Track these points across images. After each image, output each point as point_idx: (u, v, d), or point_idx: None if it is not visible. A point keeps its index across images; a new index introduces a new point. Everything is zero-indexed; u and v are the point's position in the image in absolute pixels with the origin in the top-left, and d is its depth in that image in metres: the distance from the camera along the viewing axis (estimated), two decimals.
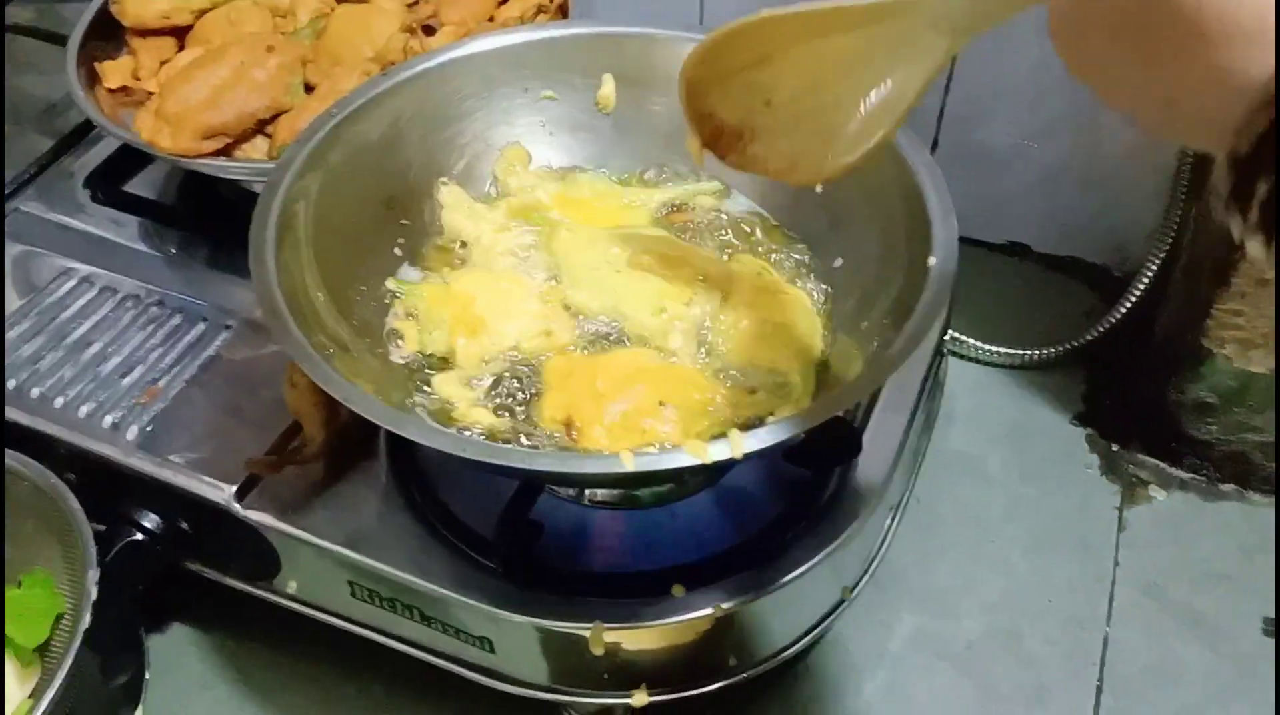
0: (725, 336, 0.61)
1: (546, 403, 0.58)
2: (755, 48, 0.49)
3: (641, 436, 0.55)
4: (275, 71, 0.73)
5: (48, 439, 0.67)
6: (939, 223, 0.57)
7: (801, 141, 0.52)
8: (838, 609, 0.66)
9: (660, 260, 0.64)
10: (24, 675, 0.65)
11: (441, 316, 0.62)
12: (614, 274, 0.63)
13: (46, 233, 0.80)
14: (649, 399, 0.56)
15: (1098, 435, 0.84)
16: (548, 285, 0.64)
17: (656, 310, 0.62)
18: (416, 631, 0.63)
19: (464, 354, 0.61)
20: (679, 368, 0.60)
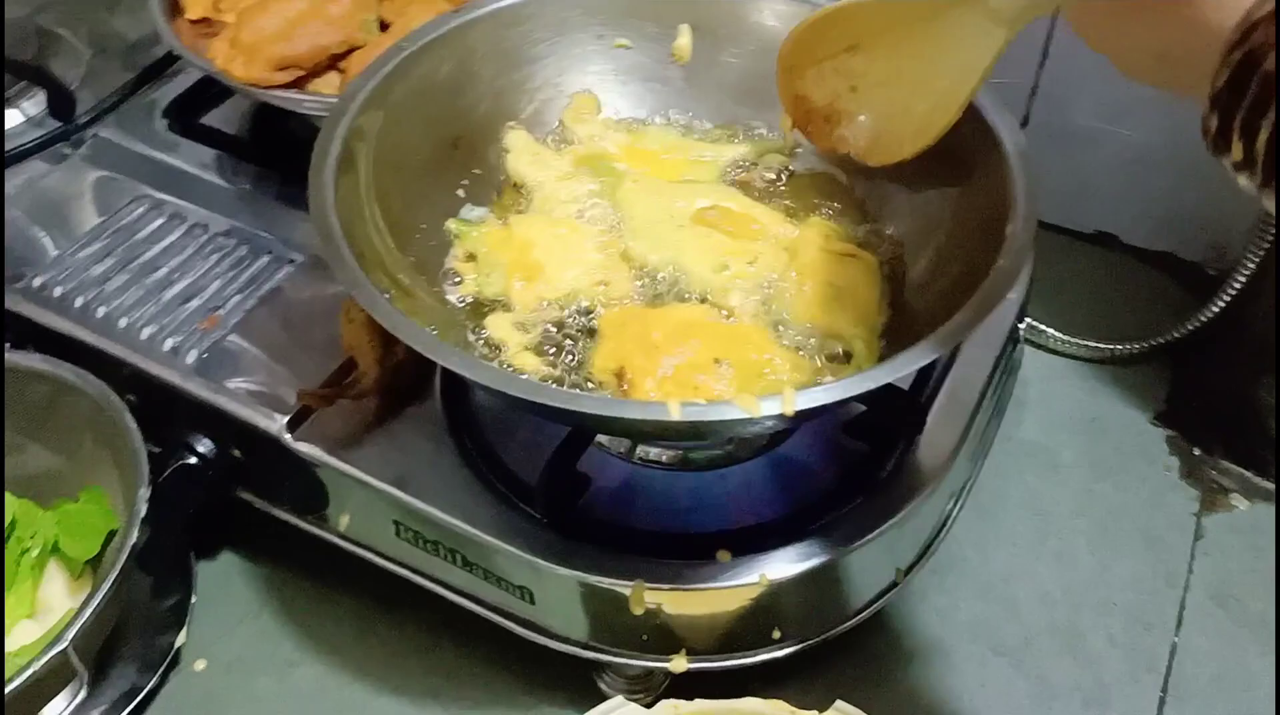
0: (788, 298, 0.59)
1: (600, 352, 0.57)
2: (845, 35, 0.54)
3: (694, 392, 0.53)
4: (350, 6, 0.73)
5: (110, 358, 0.67)
6: (1020, 192, 0.55)
7: (881, 124, 0.58)
8: (890, 590, 0.64)
9: (725, 216, 0.62)
10: (75, 587, 0.66)
11: (500, 259, 0.61)
12: (677, 228, 0.62)
13: (124, 159, 0.81)
14: (704, 355, 0.55)
15: (1179, 437, 0.80)
16: (608, 235, 0.63)
17: (718, 267, 0.60)
18: (458, 577, 0.62)
19: (519, 297, 0.59)
20: (738, 326, 0.58)
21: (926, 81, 0.53)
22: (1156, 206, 0.89)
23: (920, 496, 0.60)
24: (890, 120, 0.56)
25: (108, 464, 0.66)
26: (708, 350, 0.56)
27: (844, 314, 0.58)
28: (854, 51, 0.55)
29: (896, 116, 0.56)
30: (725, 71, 0.68)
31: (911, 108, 0.55)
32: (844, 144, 0.59)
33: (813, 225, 0.63)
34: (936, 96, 0.53)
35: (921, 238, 0.61)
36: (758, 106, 0.68)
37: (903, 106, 0.55)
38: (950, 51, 0.51)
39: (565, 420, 0.56)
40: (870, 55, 0.54)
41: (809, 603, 0.60)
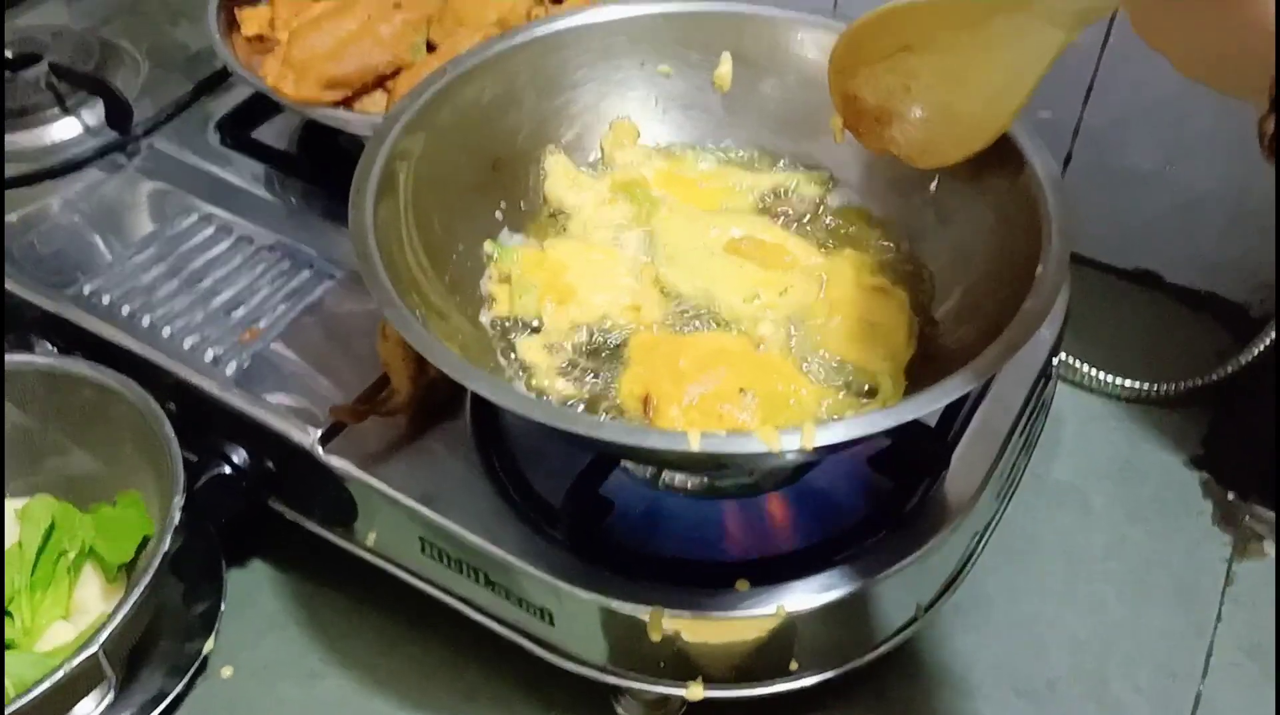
0: (817, 330, 0.59)
1: (626, 377, 0.57)
2: (899, 35, 0.53)
3: (718, 421, 0.53)
4: (400, 28, 0.74)
5: (152, 366, 0.69)
6: (1054, 232, 0.54)
7: (933, 127, 0.57)
8: (909, 626, 0.63)
9: (757, 247, 0.63)
10: (108, 591, 0.67)
11: (533, 281, 0.62)
12: (709, 256, 0.62)
13: (176, 170, 0.83)
14: (730, 384, 0.55)
15: (1214, 481, 0.79)
16: (642, 261, 0.63)
17: (749, 296, 0.60)
18: (481, 595, 0.63)
19: (551, 319, 0.60)
20: (766, 356, 0.58)
21: (980, 84, 0.52)
22: (1202, 246, 0.87)
23: (943, 533, 0.60)
24: (942, 123, 0.55)
25: (146, 470, 0.68)
26: (734, 379, 0.56)
27: (872, 348, 0.58)
28: (908, 52, 0.54)
29: (949, 119, 0.55)
30: (765, 101, 0.69)
31: (964, 110, 0.54)
32: (894, 145, 0.59)
33: (845, 258, 0.63)
34: (990, 101, 0.53)
35: (953, 274, 0.61)
36: (796, 137, 0.69)
37: (955, 109, 0.54)
38: (1006, 55, 0.50)
39: (587, 446, 0.57)
40: (924, 56, 0.53)
41: (827, 635, 0.60)
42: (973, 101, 0.53)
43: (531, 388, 0.58)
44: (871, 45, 0.56)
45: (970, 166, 0.59)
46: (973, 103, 0.53)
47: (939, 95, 0.55)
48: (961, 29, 0.51)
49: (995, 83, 0.51)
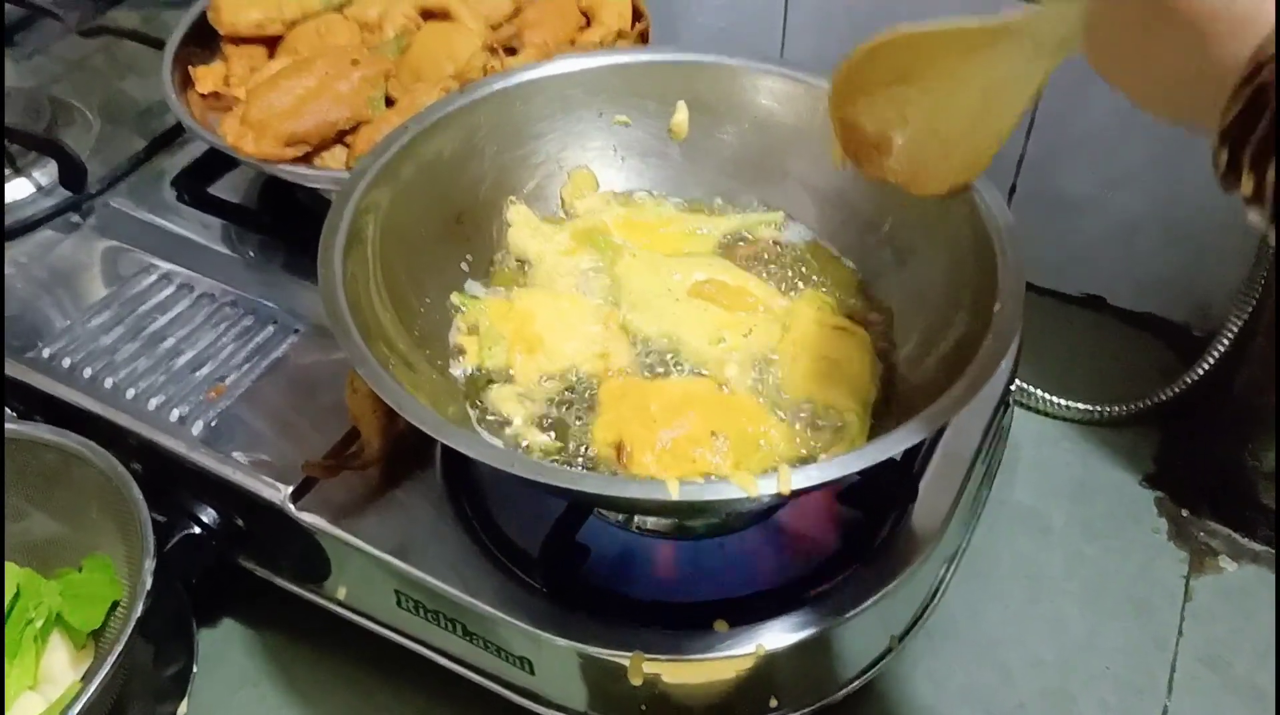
0: (783, 370, 0.61)
1: (599, 424, 0.58)
2: (895, 65, 0.54)
3: (691, 465, 0.54)
4: (358, 84, 0.75)
5: (117, 428, 0.68)
6: (1006, 267, 0.56)
7: (927, 154, 0.56)
8: (884, 658, 0.64)
9: (720, 290, 0.64)
10: (77, 658, 0.66)
11: (502, 332, 0.63)
12: (674, 301, 0.63)
13: (133, 228, 0.83)
14: (701, 428, 0.56)
15: (1168, 499, 0.82)
16: (608, 308, 0.64)
17: (714, 339, 0.62)
18: (459, 646, 0.63)
19: (521, 371, 0.61)
20: (734, 398, 0.59)
21: (972, 112, 0.53)
22: (1143, 269, 0.91)
23: (915, 563, 0.61)
24: (935, 151, 0.56)
25: (112, 533, 0.67)
26: (704, 423, 0.57)
27: (837, 387, 0.59)
28: (906, 82, 0.54)
29: (944, 146, 0.55)
30: (721, 147, 0.70)
31: (955, 139, 0.55)
32: (892, 174, 0.58)
33: (806, 299, 0.64)
34: (983, 128, 0.53)
35: (913, 311, 0.63)
36: (752, 180, 0.70)
37: (951, 137, 0.55)
38: (995, 83, 0.51)
39: (569, 498, 0.57)
40: (922, 86, 0.54)
41: (805, 671, 0.61)
42: (967, 130, 0.54)
43: (508, 439, 0.59)
44: (869, 75, 0.56)
45: (921, 205, 0.61)
46: (967, 131, 0.54)
47: (935, 124, 0.55)
48: (953, 58, 0.52)
49: (986, 110, 0.52)
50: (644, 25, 0.85)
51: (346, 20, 0.85)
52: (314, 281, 0.75)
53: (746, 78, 0.70)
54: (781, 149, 0.69)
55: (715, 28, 0.94)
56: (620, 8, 0.85)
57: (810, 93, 0.68)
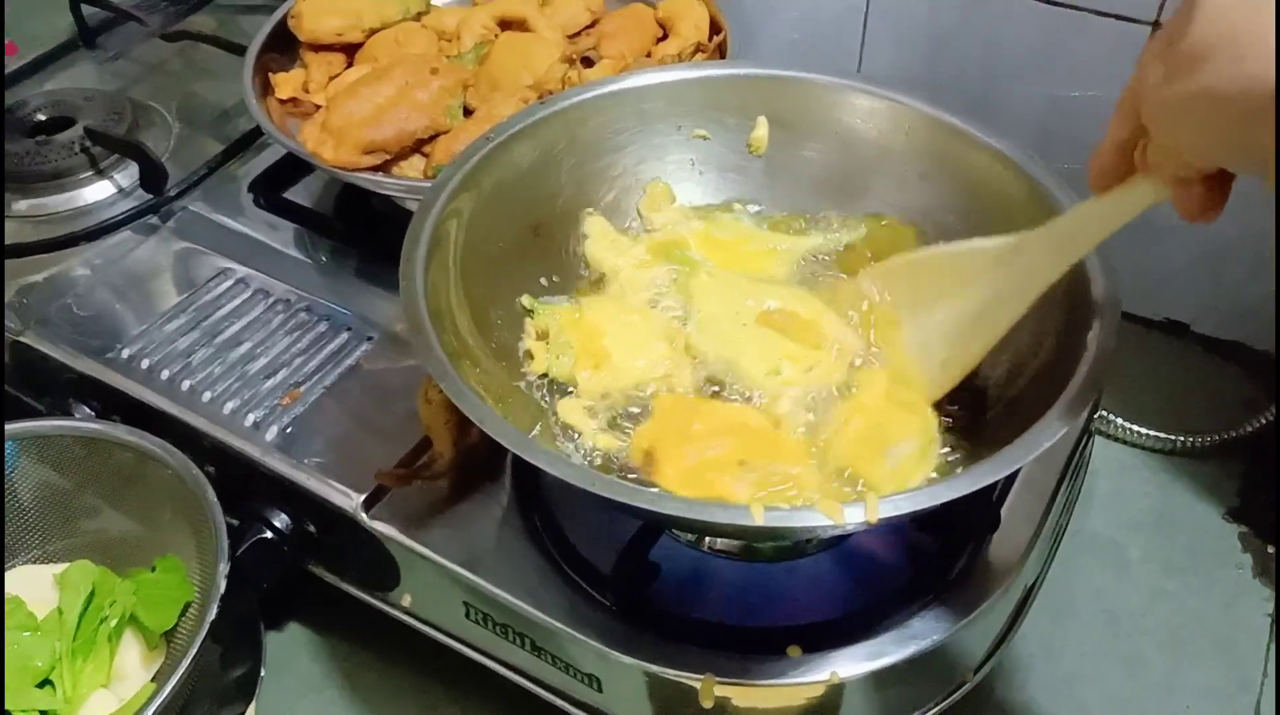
0: (833, 424, 0.59)
1: (639, 432, 0.58)
2: (927, 277, 0.58)
3: (706, 488, 0.54)
4: (436, 93, 0.75)
5: (193, 431, 0.69)
6: (1101, 295, 0.55)
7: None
8: (957, 690, 0.63)
9: (790, 320, 0.63)
10: (148, 658, 0.67)
11: (569, 340, 0.62)
12: (740, 326, 0.63)
13: (209, 232, 0.84)
14: (733, 455, 0.55)
15: (1252, 534, 0.79)
16: (675, 325, 0.64)
17: (771, 370, 0.61)
18: (527, 661, 0.62)
19: (585, 386, 0.61)
20: (779, 435, 0.58)
21: (967, 330, 0.56)
22: (1229, 297, 0.88)
23: (994, 596, 0.60)
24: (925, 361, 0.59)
25: (185, 534, 0.67)
26: (738, 451, 0.56)
27: (880, 463, 0.57)
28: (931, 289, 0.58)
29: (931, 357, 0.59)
30: (803, 163, 0.69)
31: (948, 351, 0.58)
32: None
33: (877, 374, 0.61)
34: (974, 342, 0.57)
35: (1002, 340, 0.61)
36: (834, 198, 0.69)
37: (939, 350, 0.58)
38: (1007, 291, 0.54)
39: (646, 518, 0.57)
40: (940, 291, 0.58)
41: (877, 702, 0.60)
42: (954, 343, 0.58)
43: (580, 448, 0.58)
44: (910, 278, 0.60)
45: (1009, 221, 0.59)
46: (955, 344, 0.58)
47: (925, 338, 0.59)
48: (975, 272, 0.56)
49: (992, 313, 0.56)
50: (721, 38, 0.84)
51: (424, 29, 0.85)
52: (388, 289, 0.77)
53: (827, 93, 0.69)
54: (864, 166, 0.68)
55: (791, 39, 0.93)
56: (698, 20, 0.85)
57: (892, 109, 0.67)
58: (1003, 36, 0.82)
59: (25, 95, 0.96)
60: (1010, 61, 0.83)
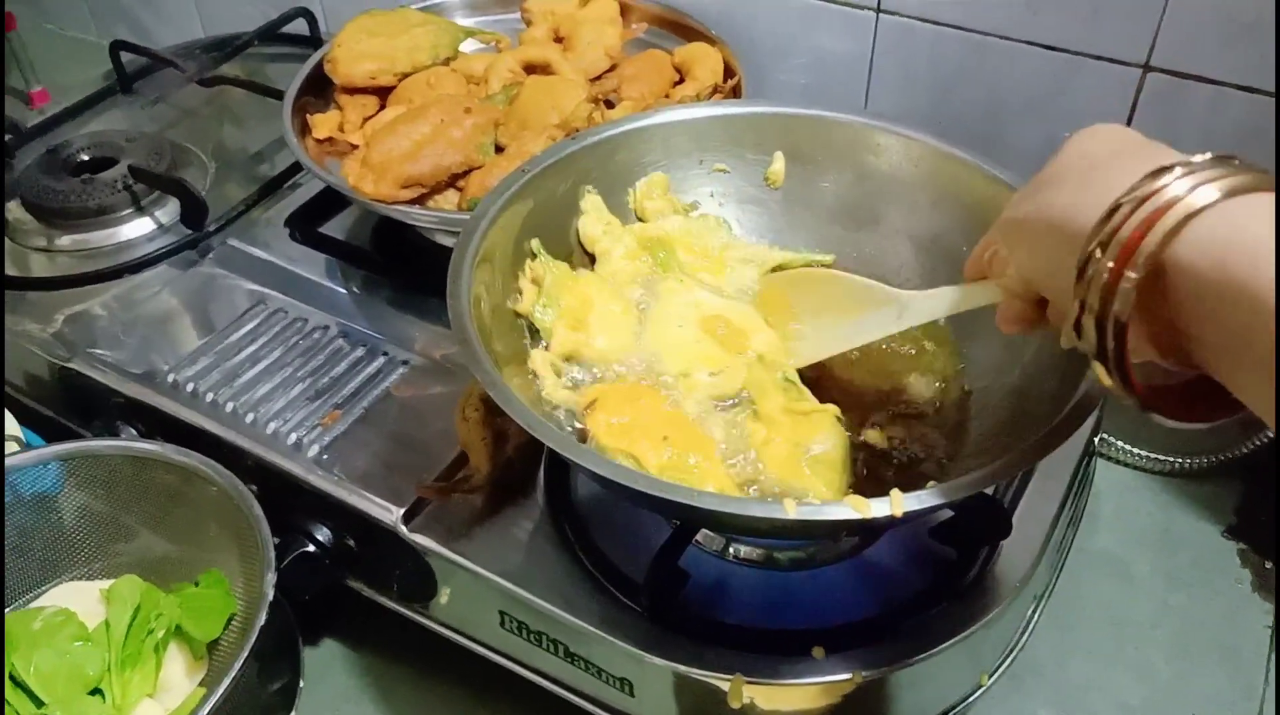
0: (753, 446, 0.62)
1: (590, 387, 0.64)
2: (833, 291, 0.66)
3: (627, 445, 0.59)
4: (470, 131, 0.79)
5: (237, 450, 0.72)
6: None
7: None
8: (973, 694, 0.65)
9: (725, 327, 0.67)
10: (193, 669, 0.69)
11: (559, 297, 0.66)
12: (678, 326, 0.67)
13: (248, 264, 0.88)
14: (659, 430, 0.60)
15: (1250, 551, 0.82)
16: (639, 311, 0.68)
17: (682, 372, 0.65)
18: (559, 668, 0.65)
19: (559, 342, 0.65)
20: (704, 439, 0.61)
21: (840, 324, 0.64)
22: None
23: (1007, 600, 0.62)
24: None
25: (229, 549, 0.70)
26: (665, 429, 0.60)
27: (805, 474, 0.61)
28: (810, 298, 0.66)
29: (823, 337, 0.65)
30: (819, 195, 0.73)
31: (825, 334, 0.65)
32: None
33: (776, 387, 0.65)
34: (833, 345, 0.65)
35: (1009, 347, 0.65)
36: (850, 228, 0.73)
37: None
38: (884, 323, 0.61)
39: (683, 514, 0.60)
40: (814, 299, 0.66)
41: (898, 703, 0.62)
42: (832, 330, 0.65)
43: (540, 399, 0.63)
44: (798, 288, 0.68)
45: None
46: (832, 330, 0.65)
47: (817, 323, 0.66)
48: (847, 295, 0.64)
49: (849, 325, 0.64)
50: (736, 81, 0.89)
51: (454, 73, 0.90)
52: (421, 317, 0.81)
53: (840, 129, 0.73)
54: (876, 196, 0.72)
55: (801, 84, 0.97)
56: (714, 65, 0.89)
57: (903, 143, 0.71)
58: (1003, 80, 0.87)
59: (68, 136, 1.01)
60: (1011, 104, 0.88)
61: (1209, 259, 0.35)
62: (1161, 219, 0.36)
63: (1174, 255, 0.36)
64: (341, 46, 0.89)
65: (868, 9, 0.90)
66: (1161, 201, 0.36)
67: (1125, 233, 0.37)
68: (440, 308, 0.59)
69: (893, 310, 0.60)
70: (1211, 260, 0.35)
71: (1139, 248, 0.37)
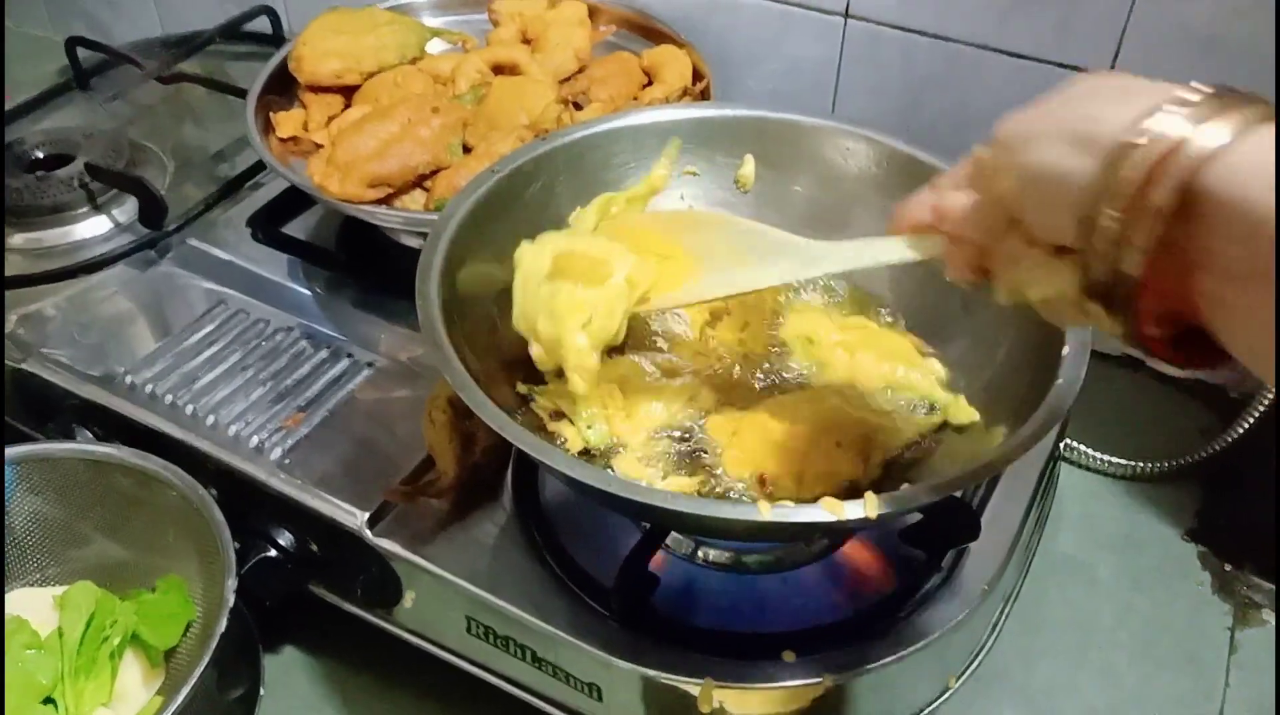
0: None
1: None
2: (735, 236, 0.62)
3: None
4: (438, 130, 0.78)
5: (197, 453, 0.71)
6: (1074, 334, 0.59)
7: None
8: (940, 697, 0.66)
9: (580, 261, 0.61)
10: (150, 676, 0.67)
11: (596, 412, 0.63)
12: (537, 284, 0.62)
13: (208, 264, 0.86)
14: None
15: (1210, 553, 0.83)
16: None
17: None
18: (526, 673, 0.64)
19: (632, 436, 0.63)
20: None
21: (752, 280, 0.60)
22: None
23: (976, 602, 0.63)
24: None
25: (188, 555, 0.69)
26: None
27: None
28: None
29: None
30: (789, 198, 0.73)
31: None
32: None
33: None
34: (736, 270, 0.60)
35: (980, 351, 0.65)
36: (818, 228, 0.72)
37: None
38: (791, 269, 0.58)
39: (658, 518, 0.60)
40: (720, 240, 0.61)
41: (867, 705, 0.62)
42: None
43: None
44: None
45: None
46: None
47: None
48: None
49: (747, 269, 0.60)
50: (704, 84, 0.89)
51: (420, 72, 0.89)
52: (386, 318, 0.80)
53: (809, 132, 0.73)
54: (844, 199, 0.72)
55: (768, 89, 0.98)
56: (682, 68, 0.89)
57: (871, 145, 0.71)
58: (973, 87, 0.88)
59: (22, 133, 0.99)
60: (981, 111, 0.88)
61: (1241, 182, 0.34)
62: (1196, 142, 0.34)
63: (1205, 179, 0.34)
64: (307, 44, 0.88)
65: (836, 14, 0.90)
66: (1196, 123, 0.35)
67: (1156, 150, 0.35)
68: (406, 309, 0.58)
69: (799, 260, 0.58)
70: (1245, 185, 0.33)
71: (1170, 168, 0.35)
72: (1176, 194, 0.34)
